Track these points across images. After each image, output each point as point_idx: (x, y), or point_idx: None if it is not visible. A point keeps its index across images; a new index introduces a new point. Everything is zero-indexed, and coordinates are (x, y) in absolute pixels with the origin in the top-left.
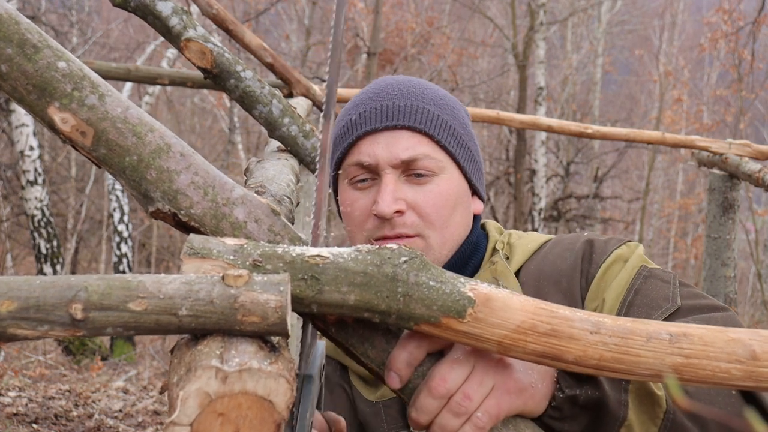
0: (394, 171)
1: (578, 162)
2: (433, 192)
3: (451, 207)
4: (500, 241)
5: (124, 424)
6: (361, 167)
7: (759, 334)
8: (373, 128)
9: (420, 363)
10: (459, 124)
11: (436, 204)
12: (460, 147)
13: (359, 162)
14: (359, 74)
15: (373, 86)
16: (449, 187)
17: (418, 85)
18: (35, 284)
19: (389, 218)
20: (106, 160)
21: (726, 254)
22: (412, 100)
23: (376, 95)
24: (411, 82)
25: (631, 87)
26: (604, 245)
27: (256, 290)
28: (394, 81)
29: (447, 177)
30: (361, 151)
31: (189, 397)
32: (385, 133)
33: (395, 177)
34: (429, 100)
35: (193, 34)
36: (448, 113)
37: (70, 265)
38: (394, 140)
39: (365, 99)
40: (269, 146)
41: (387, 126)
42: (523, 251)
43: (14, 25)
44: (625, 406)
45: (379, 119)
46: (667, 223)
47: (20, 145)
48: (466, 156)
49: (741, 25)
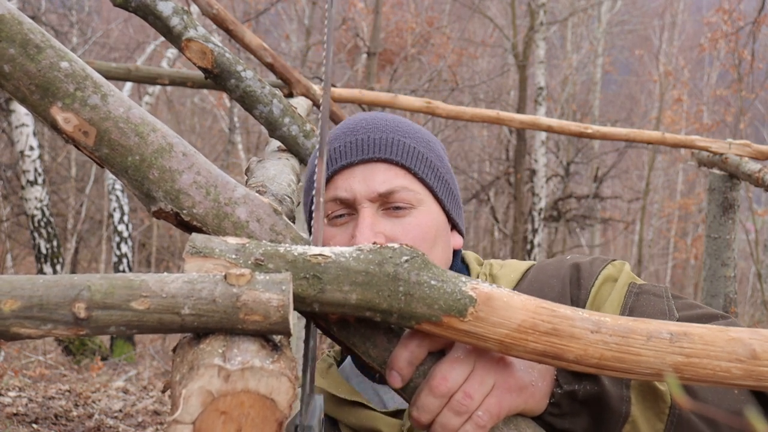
0: (372, 205)
1: (578, 162)
2: (412, 224)
3: (431, 240)
4: (482, 273)
5: (124, 424)
6: (338, 203)
7: (759, 333)
8: (348, 162)
9: (421, 362)
10: (436, 157)
11: (415, 237)
12: (437, 179)
13: (336, 197)
14: (359, 74)
15: (347, 122)
16: (428, 219)
17: (393, 119)
18: (38, 283)
19: None
20: (109, 160)
21: (726, 254)
22: (387, 132)
23: (350, 130)
24: (385, 117)
25: (631, 87)
26: (590, 267)
27: (259, 289)
28: (368, 116)
29: (425, 209)
30: (338, 186)
31: (192, 396)
32: (361, 166)
33: (373, 210)
34: (404, 132)
35: (194, 34)
36: (424, 146)
37: (70, 265)
38: (371, 173)
39: (339, 134)
40: (270, 146)
41: (363, 159)
42: (507, 282)
43: (17, 25)
44: (627, 402)
45: (355, 153)
46: (667, 223)
47: (20, 145)
48: (444, 189)
49: (741, 25)
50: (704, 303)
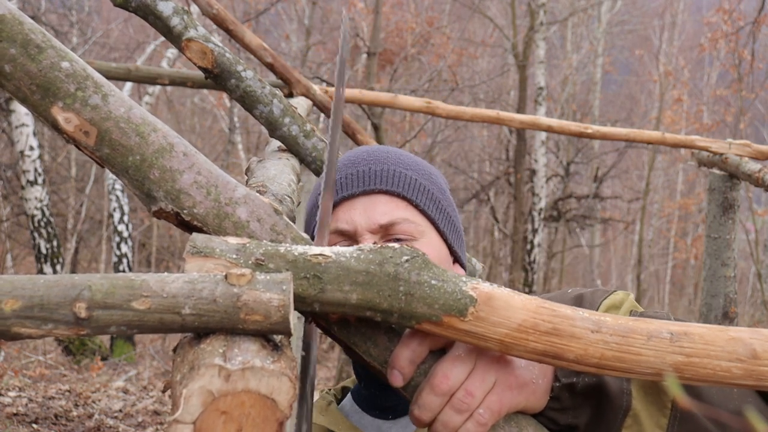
0: (373, 236)
1: (578, 162)
2: None
3: None
4: None
5: (124, 424)
6: (340, 235)
7: (759, 333)
8: (350, 194)
9: (422, 361)
10: (437, 190)
11: None
12: (439, 212)
13: (337, 229)
14: (359, 74)
15: (348, 155)
16: (430, 252)
17: (394, 152)
18: (39, 283)
19: None
20: (109, 160)
21: (726, 254)
22: (388, 164)
23: (351, 162)
24: (387, 149)
25: (631, 87)
26: (592, 297)
27: (259, 289)
28: (368, 149)
29: (427, 241)
30: (338, 218)
31: (192, 395)
32: (362, 198)
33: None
34: (406, 165)
35: (194, 34)
36: (426, 178)
37: (70, 265)
38: (372, 205)
39: (340, 167)
40: (270, 146)
41: (364, 191)
42: None
43: (18, 25)
44: (628, 394)
45: (355, 184)
46: (667, 223)
47: (20, 145)
48: (446, 222)
49: (741, 25)
50: (704, 303)
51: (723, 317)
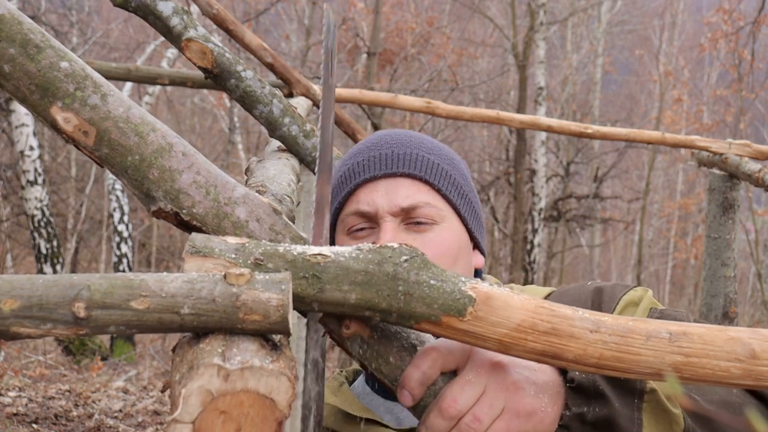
0: (394, 219)
1: (578, 162)
2: (434, 241)
3: (452, 257)
4: None
5: (124, 424)
6: (360, 216)
7: (758, 333)
8: (372, 176)
9: (433, 382)
10: (459, 175)
11: (436, 253)
12: (461, 197)
13: (358, 211)
14: (359, 74)
15: (371, 138)
16: (450, 236)
17: (417, 136)
18: (38, 283)
19: None
20: (109, 160)
21: (726, 254)
22: (411, 148)
23: (374, 144)
24: (409, 133)
25: (631, 87)
26: (612, 291)
27: (258, 289)
28: (392, 132)
29: (447, 226)
30: (360, 199)
31: (191, 395)
32: (384, 180)
33: (395, 225)
34: (428, 149)
35: (194, 34)
36: (448, 163)
37: (70, 265)
38: (394, 188)
39: (363, 149)
40: (270, 146)
41: (386, 173)
42: None
43: (17, 25)
44: (639, 424)
45: (378, 167)
46: (667, 223)
47: (20, 145)
48: (467, 207)
49: (741, 25)
50: (704, 303)
51: (723, 317)
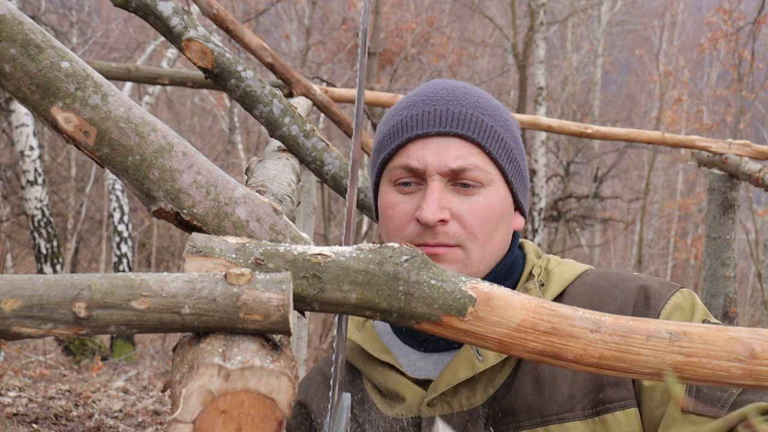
0: (442, 179)
1: (578, 162)
2: (479, 204)
3: (495, 221)
4: (538, 266)
5: (124, 424)
6: (408, 170)
7: (759, 333)
8: (425, 132)
9: None
10: (511, 137)
11: (480, 217)
12: (510, 161)
13: (407, 165)
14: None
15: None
16: (495, 200)
17: (473, 93)
18: (39, 283)
19: (432, 226)
20: (109, 160)
21: (726, 254)
22: (467, 108)
23: (430, 98)
24: (466, 89)
25: (631, 87)
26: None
27: (259, 289)
28: (448, 86)
29: (494, 190)
30: (410, 154)
31: (192, 395)
32: (437, 139)
33: (442, 185)
34: (483, 109)
35: (194, 34)
36: (501, 125)
37: (70, 265)
38: (445, 147)
39: (418, 101)
40: (270, 146)
41: (439, 132)
42: (560, 280)
43: (18, 25)
44: None
45: (432, 124)
46: (667, 223)
47: (20, 145)
48: (514, 171)
49: (741, 25)
50: (704, 303)
51: (723, 317)
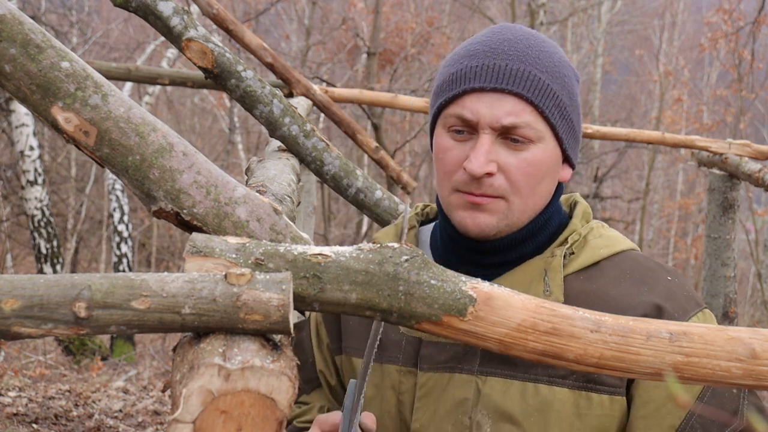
0: (493, 132)
1: (578, 162)
2: (527, 160)
3: (540, 176)
4: (577, 233)
5: (124, 424)
6: (462, 120)
7: (759, 333)
8: (480, 86)
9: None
10: (567, 94)
11: (527, 172)
12: (562, 119)
13: (461, 115)
14: (359, 74)
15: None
16: (543, 157)
17: (536, 47)
18: (39, 283)
19: (478, 177)
20: (109, 160)
21: (726, 254)
22: (525, 64)
23: (491, 50)
24: (529, 41)
25: (631, 87)
26: (674, 312)
27: (259, 289)
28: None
29: (543, 146)
30: (465, 105)
31: (192, 395)
32: (492, 94)
33: (492, 138)
34: (543, 66)
35: (194, 34)
36: (559, 82)
37: (70, 265)
38: (500, 103)
39: (479, 52)
40: (270, 146)
41: (495, 88)
42: (592, 255)
43: (18, 25)
44: None
45: (489, 79)
46: (667, 223)
47: (20, 145)
48: (566, 128)
49: (741, 25)
50: (704, 303)
51: (723, 317)
